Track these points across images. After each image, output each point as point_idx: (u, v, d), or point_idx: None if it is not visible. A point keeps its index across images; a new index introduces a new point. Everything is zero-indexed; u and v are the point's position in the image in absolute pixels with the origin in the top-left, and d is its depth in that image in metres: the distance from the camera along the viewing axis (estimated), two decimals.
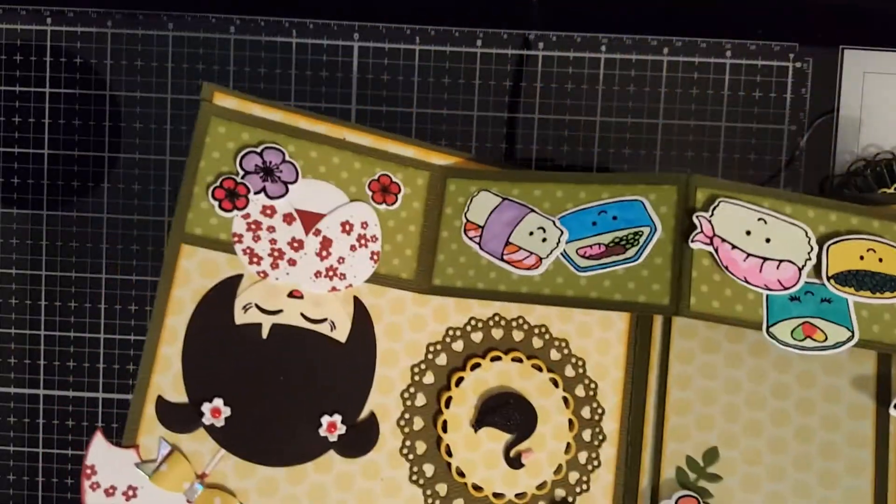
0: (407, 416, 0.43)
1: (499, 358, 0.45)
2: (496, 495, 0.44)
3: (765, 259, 0.41)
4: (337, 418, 0.41)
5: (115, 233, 0.49)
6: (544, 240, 0.43)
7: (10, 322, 0.49)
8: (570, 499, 0.45)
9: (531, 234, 0.44)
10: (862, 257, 0.41)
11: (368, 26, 0.51)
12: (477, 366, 0.44)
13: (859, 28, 0.50)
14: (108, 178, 0.49)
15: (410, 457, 0.43)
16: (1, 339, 0.49)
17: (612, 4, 0.50)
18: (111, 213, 0.49)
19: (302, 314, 0.42)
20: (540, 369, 0.45)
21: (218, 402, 0.40)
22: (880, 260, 0.42)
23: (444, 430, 0.43)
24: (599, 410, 0.46)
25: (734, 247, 0.41)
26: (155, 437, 0.39)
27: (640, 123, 0.51)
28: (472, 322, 0.45)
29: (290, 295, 0.42)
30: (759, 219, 0.42)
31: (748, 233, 0.41)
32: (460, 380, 0.44)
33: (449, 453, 0.43)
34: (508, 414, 0.44)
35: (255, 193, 0.42)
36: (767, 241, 0.41)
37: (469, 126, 0.51)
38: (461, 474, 0.43)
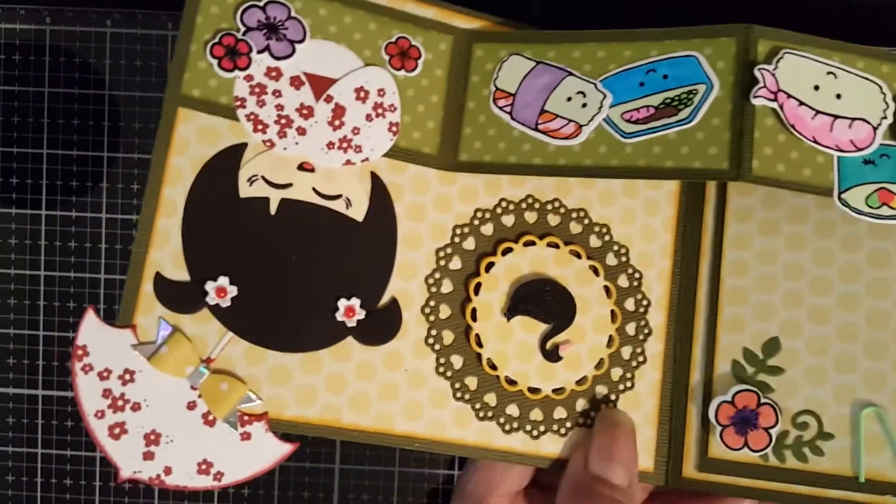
0: (432, 303, 0.41)
1: (533, 243, 0.42)
2: (532, 390, 0.41)
3: (836, 117, 0.38)
4: (355, 302, 0.39)
5: (115, 233, 0.49)
6: (584, 105, 0.40)
7: (9, 322, 0.49)
8: (612, 396, 0.42)
9: (569, 99, 0.41)
10: None
11: None
12: (509, 251, 0.42)
13: (860, 28, 0.49)
14: (108, 178, 0.49)
15: (437, 347, 0.41)
16: (2, 339, 0.49)
17: (613, 4, 0.48)
18: (110, 213, 0.49)
19: (314, 189, 0.40)
20: (578, 256, 0.43)
21: (223, 280, 0.38)
22: None
23: (474, 318, 0.41)
24: (644, 302, 0.43)
25: (801, 103, 0.38)
26: (154, 316, 0.37)
27: None
28: (503, 204, 0.43)
29: (301, 168, 0.39)
30: (829, 73, 0.38)
31: (816, 88, 0.38)
32: (490, 265, 0.42)
33: (479, 344, 0.41)
34: (544, 302, 0.42)
35: (259, 53, 0.39)
36: (838, 97, 0.38)
37: None
38: (493, 367, 0.41)
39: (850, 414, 0.40)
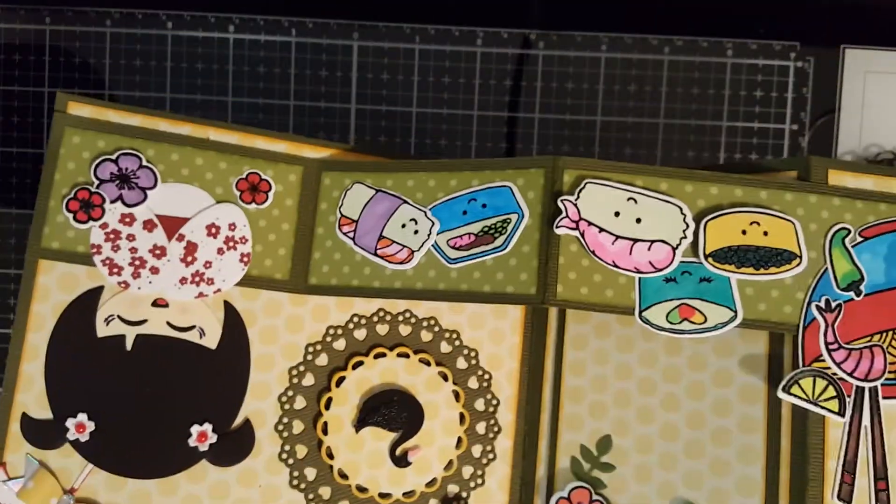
0: (286, 420, 0.46)
1: (383, 355, 0.47)
2: (382, 495, 0.46)
3: (635, 240, 0.42)
4: (208, 427, 0.44)
5: None
6: (416, 232, 0.45)
7: (9, 322, 0.53)
8: (463, 494, 0.47)
9: (404, 226, 0.46)
10: (744, 231, 0.43)
11: (368, 26, 0.54)
12: (360, 364, 0.47)
13: (861, 27, 0.52)
14: None
15: (290, 461, 0.46)
16: (1, 339, 0.53)
17: (613, 3, 0.53)
18: None
19: (168, 323, 0.45)
20: (428, 363, 0.48)
21: (82, 416, 0.43)
22: (765, 233, 0.43)
23: (325, 432, 0.46)
24: (494, 402, 0.48)
25: (602, 230, 0.42)
26: (21, 453, 0.43)
27: (640, 123, 0.54)
28: (355, 319, 0.48)
29: (155, 304, 0.45)
30: (630, 198, 0.43)
31: (617, 214, 0.43)
32: (342, 380, 0.47)
33: (330, 456, 0.46)
34: (390, 412, 0.47)
35: (112, 202, 0.45)
36: (638, 221, 0.43)
37: (469, 126, 0.55)
38: (344, 476, 0.46)
39: None
